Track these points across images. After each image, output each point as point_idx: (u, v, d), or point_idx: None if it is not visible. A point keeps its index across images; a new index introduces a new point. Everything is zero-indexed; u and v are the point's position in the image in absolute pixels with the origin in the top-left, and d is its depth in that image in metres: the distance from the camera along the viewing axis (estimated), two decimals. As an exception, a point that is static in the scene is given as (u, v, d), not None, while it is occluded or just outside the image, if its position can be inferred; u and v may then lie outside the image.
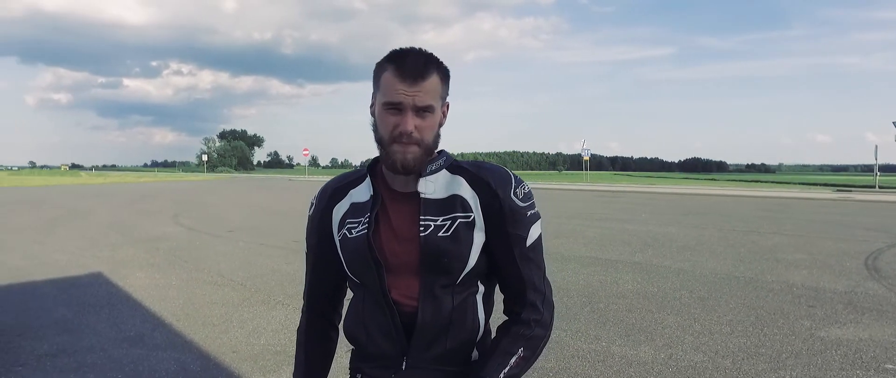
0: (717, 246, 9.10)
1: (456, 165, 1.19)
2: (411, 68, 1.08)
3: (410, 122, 1.08)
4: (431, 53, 1.12)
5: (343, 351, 1.35)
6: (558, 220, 13.29)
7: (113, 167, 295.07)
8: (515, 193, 1.15)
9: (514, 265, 1.15)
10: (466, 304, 1.15)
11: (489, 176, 1.16)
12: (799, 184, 41.36)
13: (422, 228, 1.12)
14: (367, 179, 1.20)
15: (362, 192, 1.20)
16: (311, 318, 1.33)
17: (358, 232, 1.16)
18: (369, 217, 1.16)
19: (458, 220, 1.12)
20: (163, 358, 4.04)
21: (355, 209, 1.20)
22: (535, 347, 1.15)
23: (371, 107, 1.15)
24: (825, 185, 37.83)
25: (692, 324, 4.73)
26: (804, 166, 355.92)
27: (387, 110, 1.10)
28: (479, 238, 1.14)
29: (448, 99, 1.18)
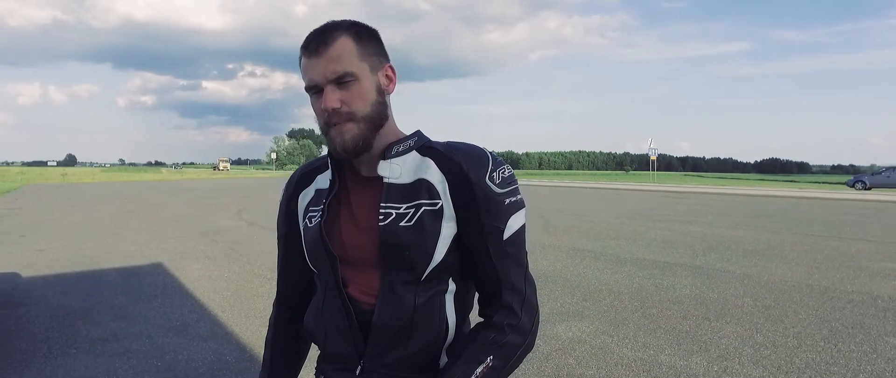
0: (790, 251, 8.40)
1: (428, 146, 1.04)
2: (313, 40, 0.96)
3: (331, 97, 0.95)
4: (342, 20, 0.99)
5: (316, 351, 1.23)
6: (618, 221, 12.77)
7: (191, 164, 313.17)
8: (491, 178, 0.99)
9: (489, 261, 0.99)
10: (432, 304, 1.00)
11: (461, 157, 1.00)
12: (893, 186, 37.94)
13: (381, 217, 0.98)
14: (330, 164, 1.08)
15: (326, 178, 1.09)
16: (280, 312, 1.22)
17: (315, 221, 1.05)
18: (324, 204, 1.04)
19: (423, 208, 0.98)
20: (202, 348, 4.11)
21: (319, 196, 1.08)
22: (507, 356, 0.98)
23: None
24: (922, 187, 34.50)
25: (753, 335, 4.33)
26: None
27: (312, 97, 0.98)
28: (448, 229, 0.99)
29: (390, 62, 1.04)
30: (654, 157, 44.12)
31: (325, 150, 1.13)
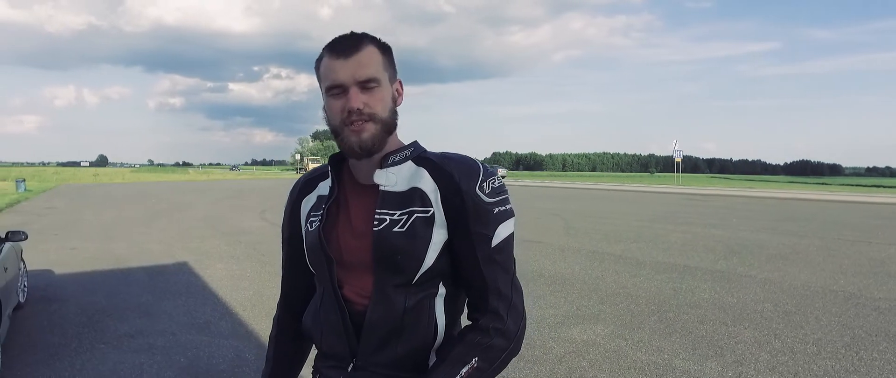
0: (816, 255, 8.24)
1: (423, 156, 1.10)
2: (343, 44, 1.03)
3: (356, 98, 1.01)
4: (366, 32, 1.06)
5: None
6: (639, 224, 12.65)
7: (218, 165, 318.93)
8: (481, 188, 1.04)
9: (477, 267, 1.04)
10: (422, 307, 1.06)
11: (453, 167, 1.06)
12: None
13: (376, 223, 1.04)
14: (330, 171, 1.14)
15: (327, 185, 1.16)
16: (283, 312, 1.29)
17: (315, 226, 1.11)
18: (324, 210, 1.10)
19: (415, 215, 1.04)
20: (223, 345, 4.23)
21: (320, 202, 1.15)
22: (492, 359, 1.03)
23: (322, 109, 1.08)
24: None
25: (771, 340, 4.28)
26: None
27: (332, 96, 1.04)
28: (438, 235, 1.04)
29: (400, 77, 1.11)
30: (678, 159, 43.46)
31: None
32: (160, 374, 3.68)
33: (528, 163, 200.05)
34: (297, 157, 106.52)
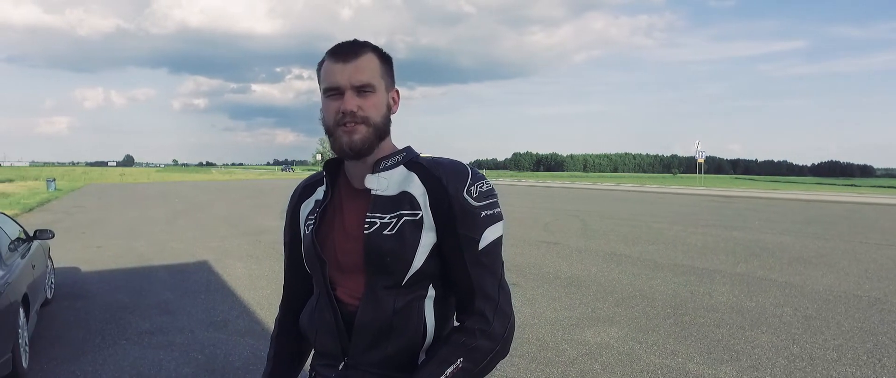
0: (840, 259, 8.05)
1: (414, 161, 1.13)
2: (344, 49, 1.07)
3: (351, 101, 1.05)
4: (368, 40, 1.10)
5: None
6: (659, 226, 12.51)
7: (240, 165, 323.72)
8: (469, 192, 1.07)
9: (464, 270, 1.07)
10: (411, 308, 1.08)
11: (441, 171, 1.08)
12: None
13: (366, 226, 1.08)
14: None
15: (323, 190, 1.19)
16: (284, 312, 1.33)
17: (310, 229, 1.15)
18: (317, 214, 1.14)
19: (404, 218, 1.06)
20: (239, 343, 4.31)
21: (317, 206, 1.18)
22: (477, 360, 1.05)
23: (320, 109, 1.12)
24: None
25: (789, 346, 4.21)
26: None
27: (329, 97, 1.08)
28: (427, 238, 1.07)
29: (397, 86, 1.14)
30: (701, 160, 42.85)
31: None
32: (178, 371, 3.77)
33: (548, 163, 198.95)
34: (318, 157, 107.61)
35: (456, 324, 1.11)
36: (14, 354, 3.44)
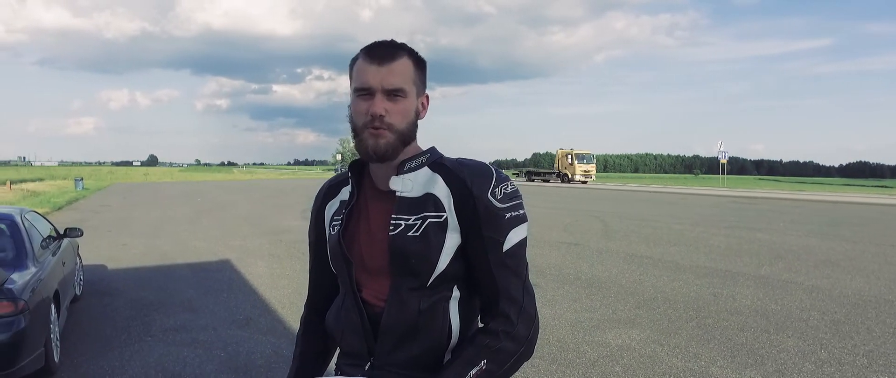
0: (870, 262, 7.85)
1: (438, 163, 1.13)
2: (379, 51, 1.06)
3: (380, 105, 1.05)
4: (405, 43, 1.09)
5: (344, 348, 1.34)
6: (681, 227, 12.34)
7: (262, 165, 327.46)
8: (493, 193, 1.06)
9: (489, 271, 1.06)
10: (436, 309, 1.08)
11: (466, 173, 1.08)
12: None
13: (391, 228, 1.08)
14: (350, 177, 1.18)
15: (348, 191, 1.20)
16: (309, 312, 1.34)
17: (336, 230, 1.16)
18: (343, 215, 1.15)
19: (429, 220, 1.07)
20: (261, 341, 4.37)
21: (342, 207, 1.19)
22: (501, 361, 1.05)
23: (348, 107, 1.12)
24: None
25: (817, 350, 4.12)
26: None
27: (359, 97, 1.08)
28: (452, 240, 1.07)
29: (428, 91, 1.14)
30: (724, 160, 42.12)
31: None
32: (201, 368, 3.83)
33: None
34: (338, 157, 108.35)
35: (480, 325, 1.11)
36: (46, 349, 3.54)
